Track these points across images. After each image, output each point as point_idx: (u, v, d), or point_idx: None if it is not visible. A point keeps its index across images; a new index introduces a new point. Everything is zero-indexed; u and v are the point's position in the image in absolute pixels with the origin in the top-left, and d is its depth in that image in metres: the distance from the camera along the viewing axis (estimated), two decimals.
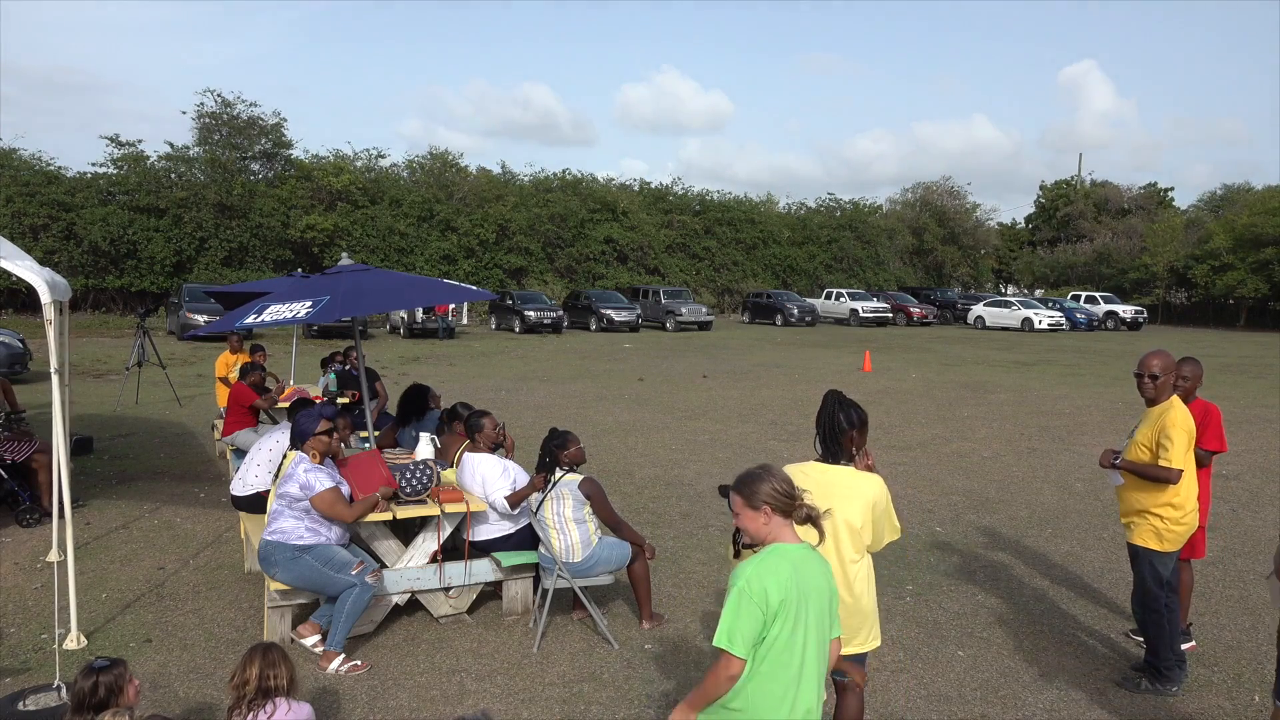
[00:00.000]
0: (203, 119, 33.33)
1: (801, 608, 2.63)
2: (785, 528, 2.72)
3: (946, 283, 52.15)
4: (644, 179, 52.51)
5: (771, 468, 2.80)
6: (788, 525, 2.73)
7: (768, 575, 2.60)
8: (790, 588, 2.61)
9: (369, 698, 4.39)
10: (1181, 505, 4.41)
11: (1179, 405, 4.45)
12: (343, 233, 33.58)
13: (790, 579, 2.62)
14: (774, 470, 2.78)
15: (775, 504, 2.70)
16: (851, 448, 3.46)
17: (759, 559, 2.66)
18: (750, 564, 2.64)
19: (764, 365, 20.82)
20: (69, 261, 29.28)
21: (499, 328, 31.49)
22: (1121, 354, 25.65)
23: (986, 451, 10.78)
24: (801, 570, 2.66)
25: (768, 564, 2.63)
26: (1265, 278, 41.33)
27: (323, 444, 4.99)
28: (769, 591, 2.58)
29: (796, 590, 2.62)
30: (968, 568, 6.50)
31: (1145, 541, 4.50)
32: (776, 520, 2.71)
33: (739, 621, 2.58)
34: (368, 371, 8.11)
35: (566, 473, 5.16)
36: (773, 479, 2.73)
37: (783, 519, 2.72)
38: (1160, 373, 4.47)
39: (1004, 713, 4.35)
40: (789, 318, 36.60)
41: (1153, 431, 4.46)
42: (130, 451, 9.90)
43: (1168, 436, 4.34)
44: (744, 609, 2.58)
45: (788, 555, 2.66)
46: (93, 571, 6.03)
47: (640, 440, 11.12)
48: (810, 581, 2.68)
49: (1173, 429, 4.35)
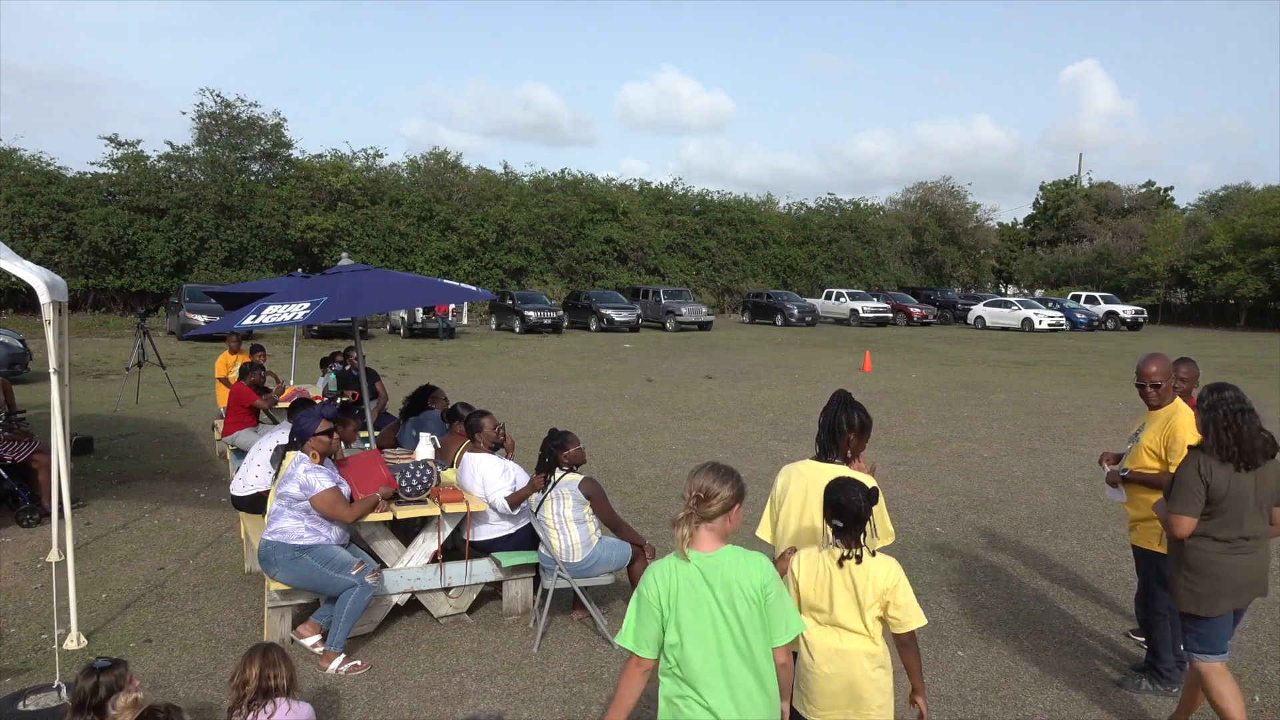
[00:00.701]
0: (203, 119, 33.33)
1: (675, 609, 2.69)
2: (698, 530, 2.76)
3: (946, 283, 52.16)
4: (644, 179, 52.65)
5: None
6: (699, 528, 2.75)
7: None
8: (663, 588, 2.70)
9: (369, 698, 4.39)
10: None
11: (1184, 409, 4.45)
12: (343, 233, 33.59)
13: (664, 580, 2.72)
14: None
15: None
16: (848, 450, 3.44)
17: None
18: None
19: (764, 365, 20.82)
20: (69, 262, 29.29)
21: (499, 328, 31.49)
22: (1122, 354, 25.64)
23: (986, 451, 10.78)
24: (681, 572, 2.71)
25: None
26: (1265, 278, 41.33)
27: (323, 444, 4.99)
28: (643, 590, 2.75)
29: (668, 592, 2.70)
30: (968, 568, 6.50)
31: (1150, 544, 4.51)
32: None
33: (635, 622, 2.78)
34: (368, 371, 8.10)
35: (566, 473, 5.16)
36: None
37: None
38: (1161, 380, 4.48)
39: (1004, 713, 4.35)
40: (789, 318, 36.60)
41: (1160, 436, 4.45)
42: (130, 451, 9.90)
43: (1177, 441, 4.34)
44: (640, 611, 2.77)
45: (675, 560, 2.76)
46: (93, 571, 6.03)
47: (640, 440, 11.12)
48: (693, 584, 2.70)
49: (1182, 433, 4.35)
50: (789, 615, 2.75)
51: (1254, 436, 3.62)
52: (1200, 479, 3.65)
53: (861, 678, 3.01)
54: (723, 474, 2.73)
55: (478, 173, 39.51)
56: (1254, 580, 3.74)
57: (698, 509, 2.69)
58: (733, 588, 2.67)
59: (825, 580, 3.03)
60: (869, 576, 3.00)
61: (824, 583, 3.04)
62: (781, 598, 2.74)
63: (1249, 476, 3.66)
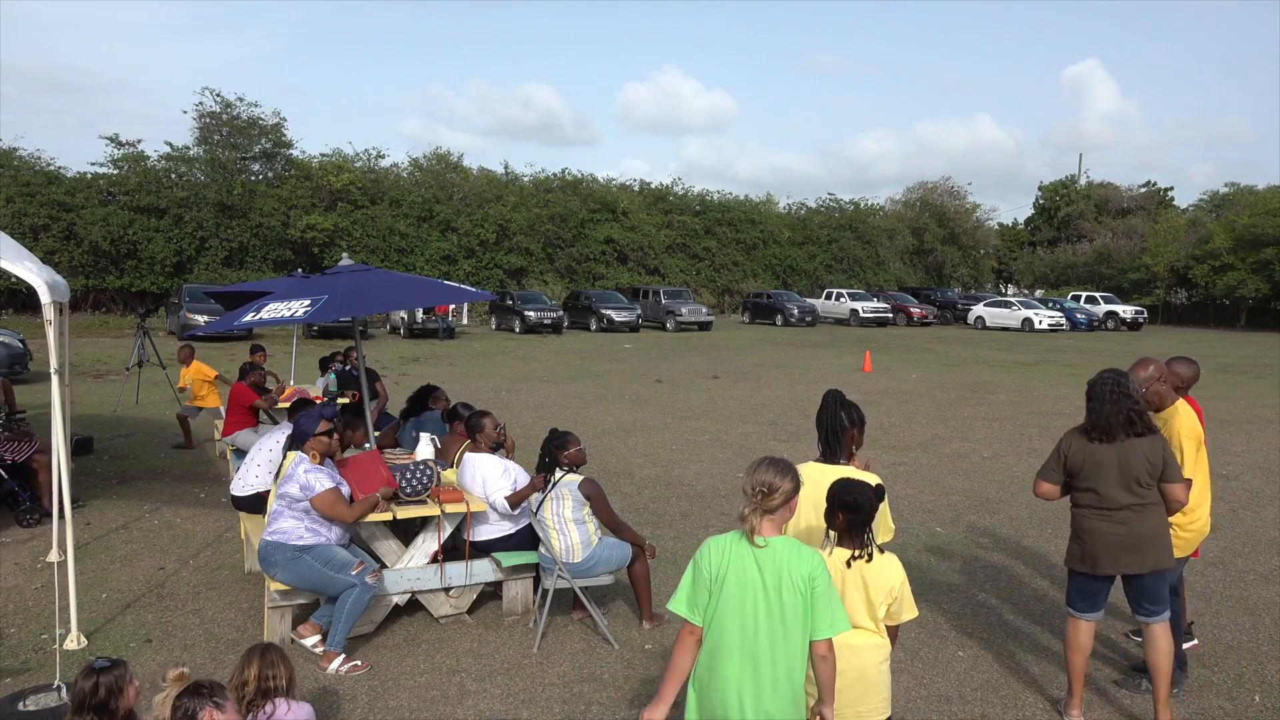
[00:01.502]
0: (203, 119, 33.34)
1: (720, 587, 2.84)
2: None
3: (946, 283, 52.15)
4: (644, 179, 52.59)
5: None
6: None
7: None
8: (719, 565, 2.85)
9: (369, 698, 4.39)
10: (1192, 511, 4.42)
11: (1184, 410, 4.44)
12: (343, 233, 33.59)
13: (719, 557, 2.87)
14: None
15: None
16: (852, 445, 3.53)
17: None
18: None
19: (764, 365, 20.82)
20: (69, 262, 29.29)
21: (499, 328, 31.49)
22: (1122, 354, 25.65)
23: (986, 451, 10.78)
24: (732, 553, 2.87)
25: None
26: (1265, 278, 41.32)
27: (323, 444, 4.99)
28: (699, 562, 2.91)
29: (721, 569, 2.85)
30: (968, 568, 6.50)
31: None
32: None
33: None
34: (368, 372, 8.10)
35: (566, 473, 5.16)
36: None
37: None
38: (1143, 385, 4.43)
39: (1004, 713, 4.35)
40: (789, 318, 36.59)
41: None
42: (130, 451, 9.90)
43: (1180, 446, 4.34)
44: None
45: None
46: (93, 571, 6.03)
47: (640, 440, 11.12)
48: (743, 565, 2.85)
49: (1183, 436, 4.35)
50: (835, 611, 2.83)
51: (1115, 414, 3.98)
52: (1060, 451, 4.18)
53: (872, 670, 3.10)
54: (782, 468, 2.86)
55: (478, 173, 39.52)
56: (1128, 548, 4.05)
57: (762, 503, 2.82)
58: (781, 575, 2.79)
59: (838, 581, 3.09)
60: (879, 574, 3.09)
61: (836, 583, 3.08)
62: (830, 593, 2.83)
63: (1110, 449, 4.01)
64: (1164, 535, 4.07)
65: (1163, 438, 4.06)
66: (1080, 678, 4.24)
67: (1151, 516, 4.05)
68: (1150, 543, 4.04)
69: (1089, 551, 4.13)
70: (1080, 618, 4.22)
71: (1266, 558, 6.75)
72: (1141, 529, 4.03)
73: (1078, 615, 4.23)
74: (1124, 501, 4.02)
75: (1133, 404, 3.99)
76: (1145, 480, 4.00)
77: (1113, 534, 4.06)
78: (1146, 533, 4.04)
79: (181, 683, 2.96)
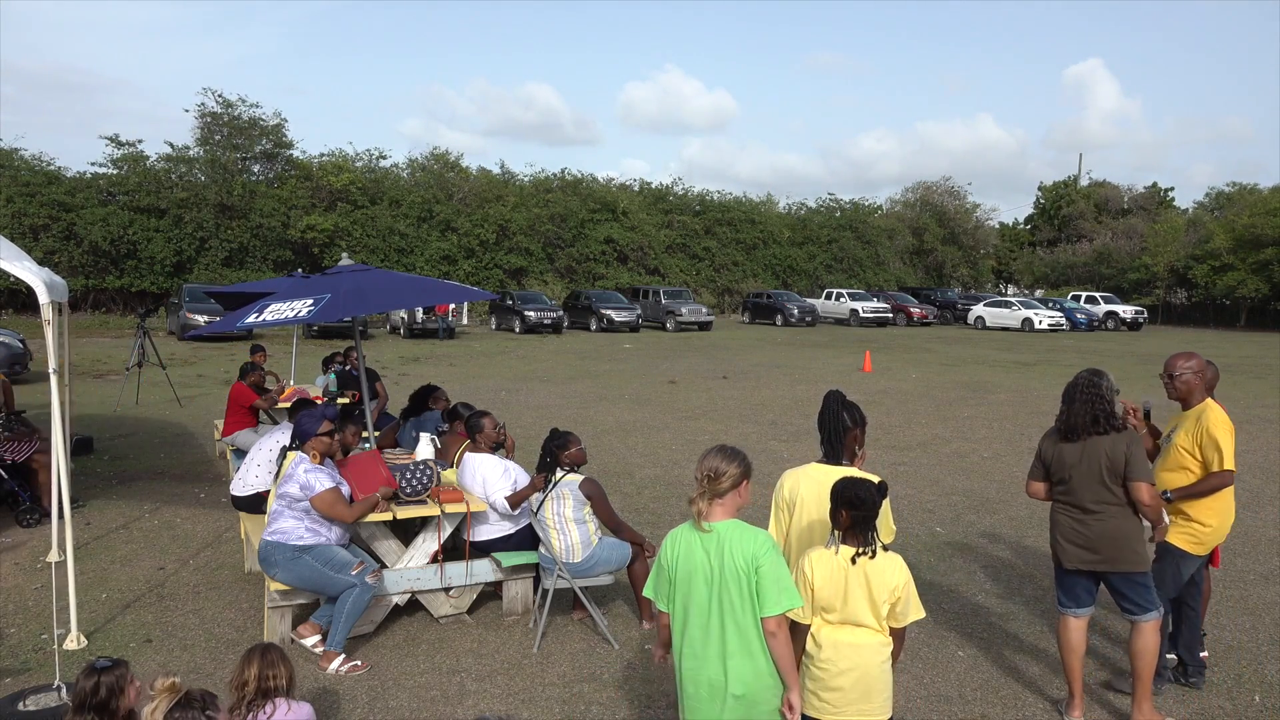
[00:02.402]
0: (204, 119, 33.33)
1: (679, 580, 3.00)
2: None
3: (946, 283, 52.12)
4: (644, 179, 52.54)
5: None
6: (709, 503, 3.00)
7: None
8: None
9: (369, 698, 4.39)
10: (1221, 510, 4.43)
11: (1213, 406, 4.43)
12: (343, 233, 33.57)
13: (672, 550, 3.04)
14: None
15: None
16: (854, 446, 3.56)
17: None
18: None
19: (764, 365, 20.81)
20: (69, 262, 29.28)
21: (499, 328, 31.49)
22: (1122, 354, 25.65)
23: (986, 451, 10.78)
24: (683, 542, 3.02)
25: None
26: (1265, 278, 41.31)
27: (323, 444, 4.99)
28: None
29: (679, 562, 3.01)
30: (968, 568, 6.50)
31: (1179, 542, 4.45)
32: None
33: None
34: (368, 372, 8.10)
35: (567, 473, 5.16)
36: None
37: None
38: (1179, 371, 4.46)
39: (1004, 713, 4.35)
40: (789, 318, 36.58)
41: (1192, 436, 4.41)
42: (130, 451, 9.90)
43: (1216, 440, 4.33)
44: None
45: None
46: (93, 571, 6.03)
47: (640, 440, 11.12)
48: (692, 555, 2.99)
49: (1217, 431, 4.34)
50: (783, 588, 2.88)
51: (1083, 413, 4.05)
52: (1040, 450, 4.29)
53: (874, 669, 3.11)
54: (729, 453, 3.01)
55: (478, 173, 39.50)
56: (1083, 545, 4.11)
57: (710, 487, 2.96)
58: (724, 556, 2.90)
59: (840, 579, 3.10)
60: (882, 573, 3.10)
61: (839, 582, 3.10)
62: (777, 570, 2.89)
63: (1075, 448, 4.09)
64: (1128, 538, 4.05)
65: (1132, 434, 4.04)
66: (1078, 679, 4.24)
67: (1116, 518, 4.04)
68: (1107, 543, 4.05)
69: (1054, 544, 4.25)
70: (1065, 613, 4.27)
71: (1266, 558, 6.75)
72: (1100, 529, 4.06)
73: (1062, 610, 4.29)
74: (1089, 499, 4.07)
75: (1101, 404, 4.03)
76: (1110, 479, 4.00)
77: (1071, 529, 4.15)
78: (1105, 533, 4.05)
79: (172, 693, 2.87)
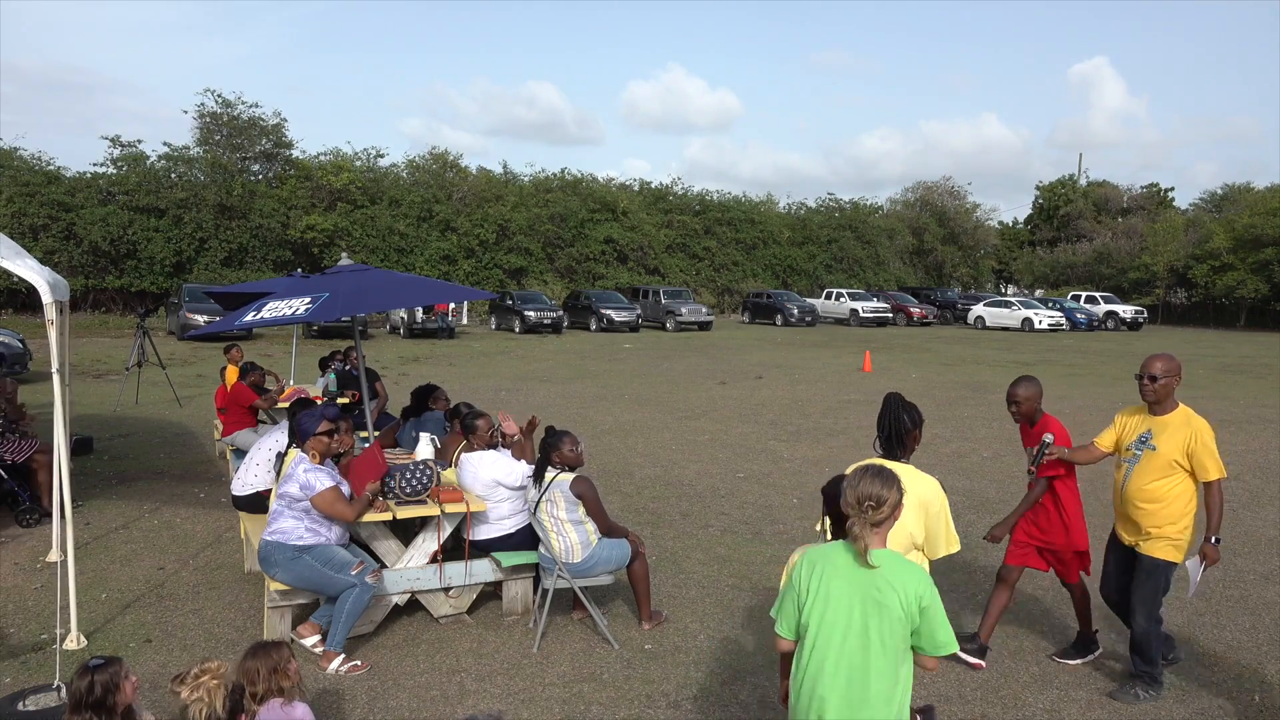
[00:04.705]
0: (203, 119, 33.33)
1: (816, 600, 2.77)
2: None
3: (946, 283, 52.15)
4: (644, 179, 52.52)
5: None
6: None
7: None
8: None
9: (369, 698, 4.39)
10: (1192, 512, 4.47)
11: (1194, 414, 4.46)
12: (342, 233, 33.56)
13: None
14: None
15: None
16: (913, 446, 3.75)
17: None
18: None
19: (764, 365, 20.81)
20: (69, 261, 29.28)
21: (499, 328, 31.49)
22: (1122, 354, 25.64)
23: (986, 451, 10.78)
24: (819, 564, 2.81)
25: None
26: (1265, 278, 41.32)
27: (323, 444, 4.99)
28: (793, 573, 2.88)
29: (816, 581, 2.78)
30: (967, 568, 6.50)
31: (1168, 555, 4.46)
32: None
33: None
34: (368, 371, 8.11)
35: (559, 473, 5.14)
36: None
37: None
38: (1159, 375, 4.45)
39: (1004, 713, 4.35)
40: (789, 318, 36.59)
41: (1180, 444, 4.38)
42: (130, 451, 9.90)
43: (1209, 448, 4.35)
44: None
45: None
46: (93, 571, 6.03)
47: (640, 440, 11.12)
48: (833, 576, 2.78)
49: (1208, 438, 4.38)
50: (944, 629, 2.71)
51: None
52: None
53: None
54: (885, 478, 2.76)
55: (478, 173, 39.51)
56: None
57: (870, 516, 2.72)
58: (885, 592, 2.68)
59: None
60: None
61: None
62: (937, 609, 2.71)
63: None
64: None
65: None
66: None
67: None
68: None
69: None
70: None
71: (1266, 558, 6.75)
72: None
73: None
74: None
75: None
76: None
77: None
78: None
79: (221, 677, 3.21)
